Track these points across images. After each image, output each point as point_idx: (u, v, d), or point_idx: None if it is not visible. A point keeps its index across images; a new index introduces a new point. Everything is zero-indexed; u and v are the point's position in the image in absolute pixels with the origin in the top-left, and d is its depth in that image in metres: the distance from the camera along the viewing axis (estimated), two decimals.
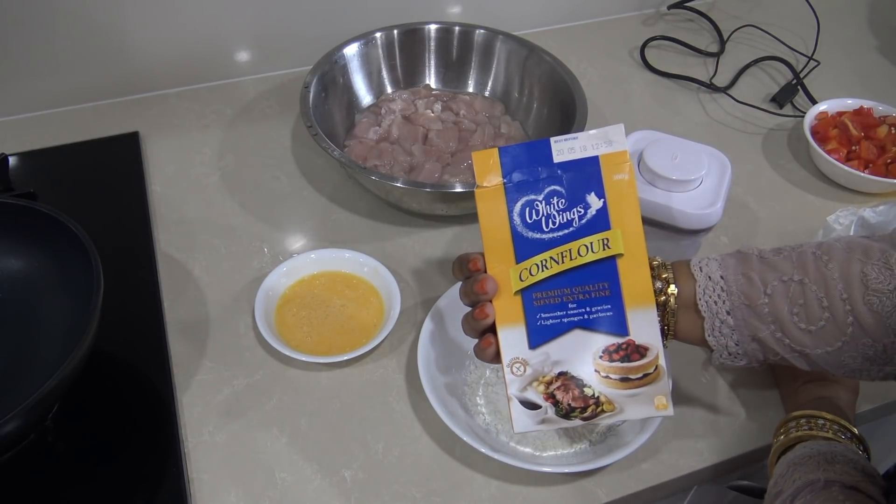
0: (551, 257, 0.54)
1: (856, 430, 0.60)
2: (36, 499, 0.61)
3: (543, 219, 0.54)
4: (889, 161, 0.89)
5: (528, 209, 0.54)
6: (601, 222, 0.54)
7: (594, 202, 0.54)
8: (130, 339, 0.71)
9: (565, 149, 0.55)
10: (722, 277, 0.53)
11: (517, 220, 0.55)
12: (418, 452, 0.64)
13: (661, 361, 0.53)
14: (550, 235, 0.54)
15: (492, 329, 0.55)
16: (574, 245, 0.54)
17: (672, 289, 0.54)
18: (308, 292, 0.74)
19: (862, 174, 0.87)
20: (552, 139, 0.55)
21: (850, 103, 0.96)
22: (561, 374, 0.54)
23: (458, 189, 0.77)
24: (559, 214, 0.54)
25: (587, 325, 0.54)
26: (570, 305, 0.54)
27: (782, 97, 1.03)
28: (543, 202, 0.54)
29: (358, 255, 0.76)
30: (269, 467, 0.63)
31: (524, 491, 0.62)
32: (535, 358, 0.54)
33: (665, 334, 0.55)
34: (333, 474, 0.63)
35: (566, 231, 0.54)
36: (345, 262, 0.76)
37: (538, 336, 0.54)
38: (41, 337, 0.67)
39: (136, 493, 0.61)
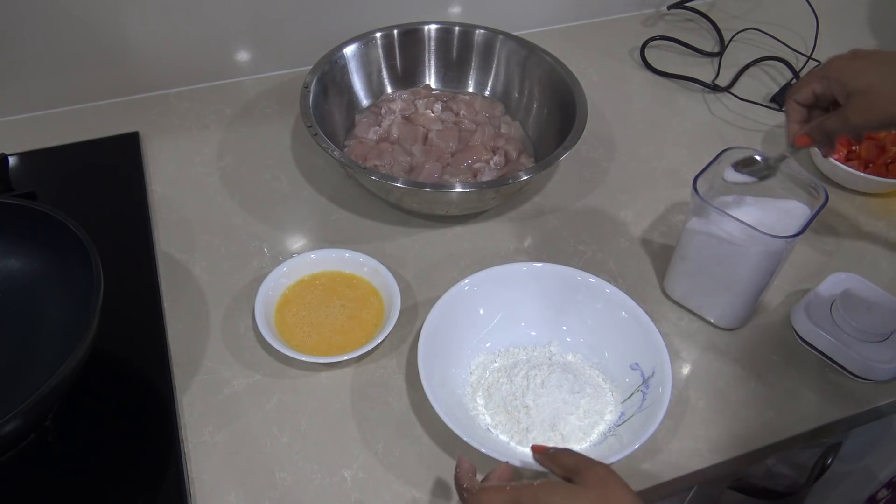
0: None
1: None
2: (36, 499, 0.61)
3: None
4: (889, 161, 0.89)
5: None
6: None
7: None
8: (130, 339, 0.71)
9: None
10: None
11: None
12: (418, 452, 0.64)
13: None
14: None
15: None
16: None
17: None
18: (308, 292, 0.74)
19: (862, 174, 0.87)
20: None
21: None
22: None
23: (458, 189, 0.77)
24: None
25: None
26: None
27: (782, 97, 1.03)
28: None
29: (358, 255, 0.76)
30: (269, 467, 0.63)
31: None
32: None
33: None
34: (333, 474, 0.63)
35: None
36: (345, 262, 0.76)
37: None
38: (41, 337, 0.67)
39: (136, 493, 0.61)
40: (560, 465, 0.52)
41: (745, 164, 0.69)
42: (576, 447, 0.63)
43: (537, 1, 1.11)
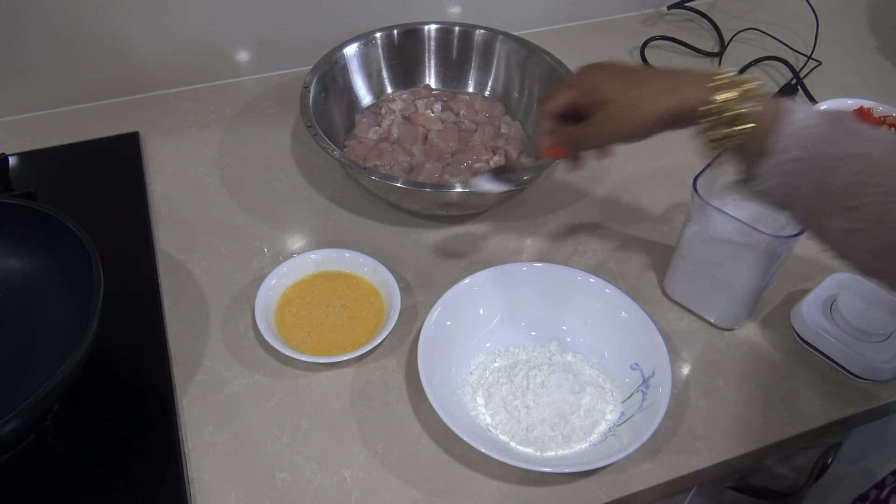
0: None
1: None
2: (36, 499, 0.61)
3: None
4: None
5: None
6: None
7: None
8: (130, 339, 0.71)
9: None
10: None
11: None
12: (418, 452, 0.64)
13: None
14: None
15: None
16: None
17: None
18: (308, 292, 0.74)
19: None
20: None
21: (850, 103, 0.96)
22: None
23: (458, 189, 0.77)
24: None
25: None
26: None
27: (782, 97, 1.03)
28: None
29: (358, 255, 0.76)
30: (269, 467, 0.63)
31: (524, 491, 0.62)
32: None
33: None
34: (333, 474, 0.63)
35: None
36: (345, 262, 0.76)
37: None
38: (41, 337, 0.67)
39: (137, 492, 0.61)
40: None
41: (500, 172, 0.71)
42: (576, 447, 0.64)
43: (537, 1, 1.11)
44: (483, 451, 0.59)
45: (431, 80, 0.98)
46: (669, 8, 1.19)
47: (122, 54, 0.94)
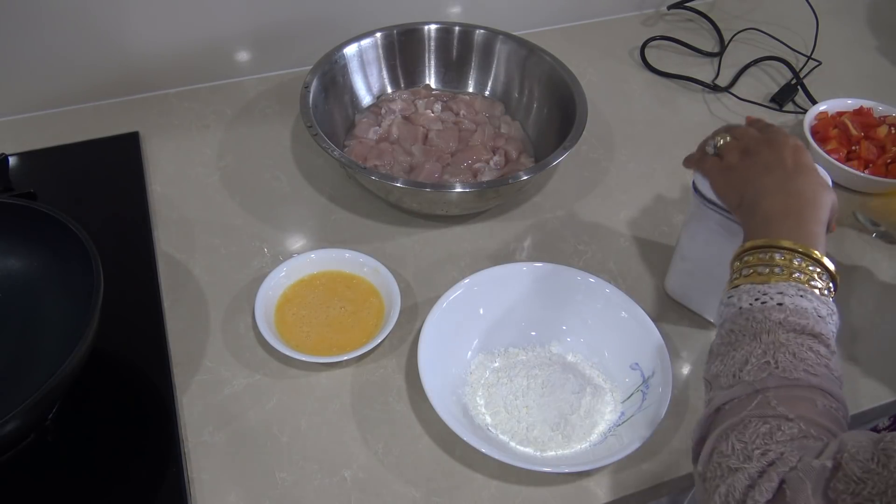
0: None
1: (825, 262, 0.54)
2: (36, 499, 0.61)
3: None
4: (889, 161, 0.89)
5: None
6: None
7: None
8: (130, 339, 0.71)
9: None
10: None
11: None
12: (418, 452, 0.64)
13: None
14: None
15: None
16: None
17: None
18: (308, 292, 0.74)
19: (862, 174, 0.87)
20: None
21: (850, 103, 0.96)
22: None
23: (458, 189, 0.77)
24: None
25: None
26: None
27: (782, 97, 1.03)
28: None
29: (358, 255, 0.76)
30: (269, 467, 0.63)
31: (524, 491, 0.62)
32: None
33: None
34: (333, 474, 0.63)
35: None
36: (345, 262, 0.76)
37: None
38: (41, 337, 0.67)
39: (136, 492, 0.61)
40: None
41: None
42: (576, 447, 0.64)
43: (537, 1, 1.11)
44: (483, 451, 0.59)
45: (431, 80, 0.98)
46: (669, 8, 1.19)
47: (122, 54, 0.94)
